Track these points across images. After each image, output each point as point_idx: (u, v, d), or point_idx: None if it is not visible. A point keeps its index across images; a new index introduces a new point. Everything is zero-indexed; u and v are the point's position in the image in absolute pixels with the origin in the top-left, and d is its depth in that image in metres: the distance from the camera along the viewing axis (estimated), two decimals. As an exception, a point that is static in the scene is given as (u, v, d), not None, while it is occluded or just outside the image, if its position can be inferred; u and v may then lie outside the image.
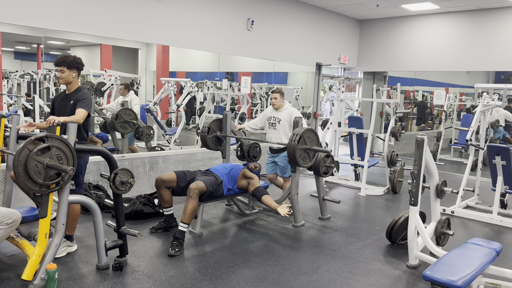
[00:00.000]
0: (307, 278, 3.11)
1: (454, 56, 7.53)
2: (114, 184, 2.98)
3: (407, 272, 3.29)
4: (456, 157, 8.67)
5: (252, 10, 6.44)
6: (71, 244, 3.35)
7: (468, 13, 7.33)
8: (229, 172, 4.06)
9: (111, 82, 5.96)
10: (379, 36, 8.46)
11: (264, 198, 3.90)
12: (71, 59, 3.18)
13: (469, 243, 3.00)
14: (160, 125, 6.79)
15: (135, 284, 2.89)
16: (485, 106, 5.01)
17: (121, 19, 4.92)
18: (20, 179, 2.49)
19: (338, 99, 6.36)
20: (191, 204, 3.55)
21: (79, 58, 3.26)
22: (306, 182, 6.42)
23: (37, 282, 2.63)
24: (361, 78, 9.19)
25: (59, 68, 3.18)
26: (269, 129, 4.77)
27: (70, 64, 3.18)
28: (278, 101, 4.61)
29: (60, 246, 3.23)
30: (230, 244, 3.75)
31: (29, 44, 5.51)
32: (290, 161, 4.10)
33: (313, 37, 7.66)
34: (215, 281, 2.98)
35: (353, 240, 3.99)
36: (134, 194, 4.86)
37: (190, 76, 7.24)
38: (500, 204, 4.84)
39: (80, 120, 3.03)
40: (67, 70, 3.18)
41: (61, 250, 3.25)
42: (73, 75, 3.22)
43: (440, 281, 2.42)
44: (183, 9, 5.54)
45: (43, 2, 4.31)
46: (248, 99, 7.80)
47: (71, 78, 3.22)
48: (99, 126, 5.71)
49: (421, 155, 3.26)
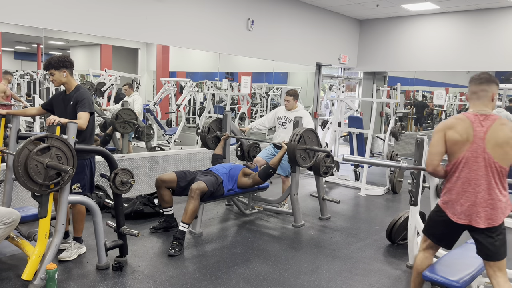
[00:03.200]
0: (307, 278, 3.11)
1: (454, 56, 7.53)
2: (114, 184, 2.98)
3: (407, 272, 3.29)
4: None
5: (252, 10, 6.44)
6: (81, 246, 3.33)
7: (468, 13, 7.33)
8: (229, 172, 4.06)
9: (111, 82, 5.96)
10: (379, 36, 8.46)
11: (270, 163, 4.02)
12: (55, 60, 3.13)
13: (469, 243, 3.00)
14: (160, 125, 6.80)
15: (135, 284, 2.89)
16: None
17: (121, 19, 4.92)
18: (20, 179, 2.49)
19: (338, 99, 6.36)
20: (192, 204, 3.55)
21: (65, 56, 3.20)
22: (306, 182, 6.42)
23: (37, 282, 2.63)
24: (361, 78, 9.19)
25: (48, 72, 3.16)
26: (278, 128, 4.87)
27: (56, 65, 3.12)
28: (291, 104, 4.75)
29: (71, 248, 3.24)
30: (230, 244, 3.75)
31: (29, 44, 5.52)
32: (290, 161, 4.10)
33: (313, 37, 7.66)
34: (215, 281, 2.98)
35: (353, 240, 3.99)
36: (134, 194, 4.86)
37: (190, 76, 7.25)
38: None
39: (83, 125, 3.01)
40: (56, 71, 3.14)
41: (73, 253, 3.24)
42: (63, 75, 3.16)
43: (440, 281, 2.42)
44: (183, 9, 5.54)
45: (43, 2, 4.30)
46: (248, 99, 7.81)
47: (63, 78, 3.17)
48: (99, 126, 5.72)
49: (421, 155, 3.26)
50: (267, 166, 4.04)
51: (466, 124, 2.30)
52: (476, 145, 2.26)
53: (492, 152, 2.24)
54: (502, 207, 2.27)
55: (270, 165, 4.02)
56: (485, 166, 2.26)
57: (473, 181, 2.29)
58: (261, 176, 4.03)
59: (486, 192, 2.26)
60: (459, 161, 2.32)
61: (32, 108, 3.68)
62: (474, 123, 2.28)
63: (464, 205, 2.31)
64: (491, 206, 2.26)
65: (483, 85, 2.37)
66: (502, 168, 2.26)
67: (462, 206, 2.31)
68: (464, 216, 2.31)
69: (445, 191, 2.42)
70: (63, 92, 3.28)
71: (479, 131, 2.26)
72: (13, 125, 3.27)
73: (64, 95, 3.25)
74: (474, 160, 2.28)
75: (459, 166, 2.32)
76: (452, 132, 2.32)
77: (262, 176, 4.03)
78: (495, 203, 2.26)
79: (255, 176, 4.07)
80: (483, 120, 2.28)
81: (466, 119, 2.31)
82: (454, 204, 2.35)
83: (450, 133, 2.33)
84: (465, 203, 2.30)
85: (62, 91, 3.30)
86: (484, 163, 2.26)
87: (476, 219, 2.27)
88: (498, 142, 2.23)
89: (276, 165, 4.02)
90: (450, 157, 2.39)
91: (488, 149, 2.25)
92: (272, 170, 4.01)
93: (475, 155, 2.27)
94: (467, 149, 2.28)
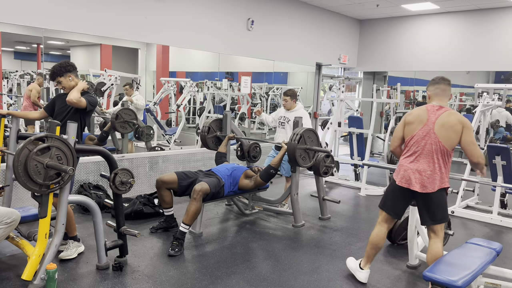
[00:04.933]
0: (307, 278, 3.11)
1: (454, 56, 7.53)
2: (114, 184, 2.98)
3: (407, 272, 3.29)
4: (456, 157, 8.66)
5: (252, 10, 6.44)
6: (79, 245, 3.35)
7: (468, 13, 7.33)
8: (231, 174, 4.03)
9: (111, 82, 5.95)
10: (379, 36, 8.46)
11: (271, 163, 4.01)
12: (57, 68, 3.25)
13: (469, 243, 3.00)
14: (160, 125, 6.79)
15: (135, 284, 2.89)
16: (485, 106, 5.01)
17: (121, 19, 4.92)
18: (20, 179, 2.49)
19: (338, 99, 6.36)
20: (194, 206, 3.53)
21: (65, 61, 3.31)
22: (306, 182, 6.42)
23: (37, 282, 2.63)
24: (361, 78, 9.19)
25: (55, 82, 3.28)
26: (278, 128, 4.90)
27: (60, 72, 3.24)
28: (289, 103, 4.75)
29: (70, 247, 3.25)
30: (230, 244, 3.75)
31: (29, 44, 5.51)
32: (290, 161, 4.10)
33: (313, 37, 7.66)
34: (215, 281, 2.98)
35: (353, 240, 3.99)
36: (134, 194, 4.86)
37: (190, 76, 7.24)
38: (500, 204, 4.85)
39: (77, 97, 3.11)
40: (62, 78, 3.26)
41: (73, 251, 3.25)
42: (70, 79, 3.27)
43: (440, 281, 2.42)
44: (183, 9, 5.54)
45: (43, 2, 4.30)
46: (248, 99, 7.80)
47: (71, 83, 3.27)
48: (99, 126, 5.72)
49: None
50: (268, 166, 4.03)
51: (423, 111, 2.83)
52: (427, 126, 2.77)
53: (438, 133, 2.74)
54: (437, 178, 2.74)
55: (271, 165, 4.01)
56: (430, 143, 2.76)
57: (419, 154, 2.79)
58: (263, 177, 4.02)
59: (427, 164, 2.76)
60: (412, 138, 2.83)
61: (34, 112, 3.70)
62: (430, 111, 2.81)
63: (407, 172, 2.81)
64: (428, 176, 2.74)
65: (440, 86, 2.87)
66: (445, 148, 2.74)
67: (406, 172, 2.82)
68: (405, 180, 2.82)
69: (398, 165, 2.93)
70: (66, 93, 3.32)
71: (432, 116, 2.78)
72: (13, 125, 3.28)
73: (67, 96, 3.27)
74: (423, 138, 2.78)
75: (411, 142, 2.84)
76: (410, 117, 2.87)
77: (263, 177, 4.02)
78: (432, 174, 2.74)
79: (256, 178, 4.05)
80: (437, 110, 2.79)
81: (424, 108, 2.84)
82: (400, 171, 2.86)
83: (408, 118, 2.88)
84: (408, 170, 2.81)
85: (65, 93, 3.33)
86: (430, 141, 2.75)
87: (414, 184, 2.77)
88: (445, 126, 2.73)
89: (277, 165, 4.02)
90: (406, 137, 2.89)
91: (435, 130, 2.74)
92: (274, 170, 4.00)
93: (424, 133, 2.77)
94: (420, 129, 2.79)
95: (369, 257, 3.04)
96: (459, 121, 2.71)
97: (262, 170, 4.12)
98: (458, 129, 2.70)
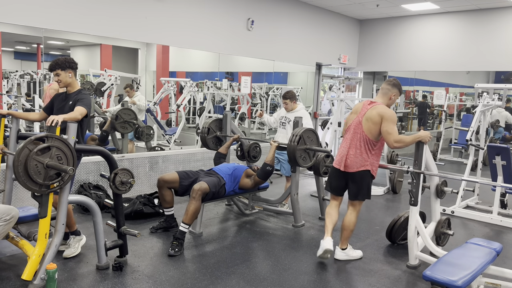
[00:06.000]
0: (307, 278, 3.11)
1: (454, 56, 7.52)
2: (114, 184, 2.98)
3: (407, 272, 3.29)
4: (456, 157, 8.67)
5: (252, 10, 6.44)
6: (80, 238, 3.37)
7: (468, 13, 7.33)
8: (232, 173, 4.03)
9: (111, 82, 5.95)
10: (379, 36, 8.46)
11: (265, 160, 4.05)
12: (62, 60, 3.23)
13: (469, 243, 3.00)
14: (160, 125, 6.79)
15: (135, 284, 2.89)
16: (485, 106, 5.01)
17: (121, 19, 4.92)
18: (20, 179, 2.49)
19: (338, 99, 6.36)
20: (193, 205, 3.54)
21: (71, 58, 3.30)
22: (306, 182, 6.42)
23: (37, 282, 2.63)
24: (361, 78, 9.18)
25: (54, 72, 3.23)
26: (279, 128, 4.92)
27: (63, 65, 3.21)
28: (289, 105, 4.79)
29: (72, 244, 3.25)
30: (230, 244, 3.75)
31: (29, 44, 5.52)
32: (290, 161, 4.10)
33: (313, 37, 7.66)
34: (215, 281, 2.98)
35: (353, 240, 3.98)
36: (134, 194, 4.86)
37: (190, 76, 7.24)
38: (500, 204, 4.84)
39: (78, 116, 3.03)
40: (62, 71, 3.22)
41: (75, 248, 3.26)
42: (69, 76, 3.25)
43: (440, 281, 2.42)
44: (183, 9, 5.54)
45: (43, 2, 4.30)
46: (248, 99, 7.80)
47: (68, 79, 3.25)
48: (98, 126, 5.72)
49: (421, 155, 3.26)
50: (264, 164, 4.03)
51: (361, 105, 3.37)
52: (358, 118, 3.31)
53: (364, 124, 3.26)
54: (358, 162, 3.28)
55: (266, 162, 4.02)
56: (357, 133, 3.29)
57: (348, 141, 3.33)
58: (260, 175, 4.03)
59: (353, 149, 3.30)
60: (349, 127, 3.38)
61: (34, 113, 3.70)
62: (364, 105, 3.33)
63: (339, 155, 3.39)
64: (351, 159, 3.30)
65: (384, 86, 3.39)
66: (367, 137, 3.25)
67: (338, 155, 3.40)
68: (338, 162, 3.40)
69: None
70: (65, 92, 3.35)
71: (363, 109, 3.30)
72: (13, 125, 3.28)
73: (65, 95, 3.33)
74: (354, 127, 3.32)
75: (347, 131, 3.39)
76: (354, 109, 3.45)
77: (261, 175, 4.03)
78: (354, 158, 3.29)
79: (255, 177, 4.07)
80: (369, 104, 3.30)
81: (363, 103, 3.37)
82: (337, 156, 3.43)
83: (353, 109, 3.45)
84: (340, 154, 3.39)
85: (64, 92, 3.36)
86: (358, 131, 3.29)
87: (342, 165, 3.35)
88: (367, 118, 3.25)
89: (271, 161, 4.03)
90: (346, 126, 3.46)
91: (362, 122, 3.27)
92: (269, 167, 4.01)
93: (355, 124, 3.31)
94: (354, 120, 3.34)
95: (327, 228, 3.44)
96: (378, 114, 3.20)
97: (260, 169, 4.12)
98: (377, 121, 3.19)
